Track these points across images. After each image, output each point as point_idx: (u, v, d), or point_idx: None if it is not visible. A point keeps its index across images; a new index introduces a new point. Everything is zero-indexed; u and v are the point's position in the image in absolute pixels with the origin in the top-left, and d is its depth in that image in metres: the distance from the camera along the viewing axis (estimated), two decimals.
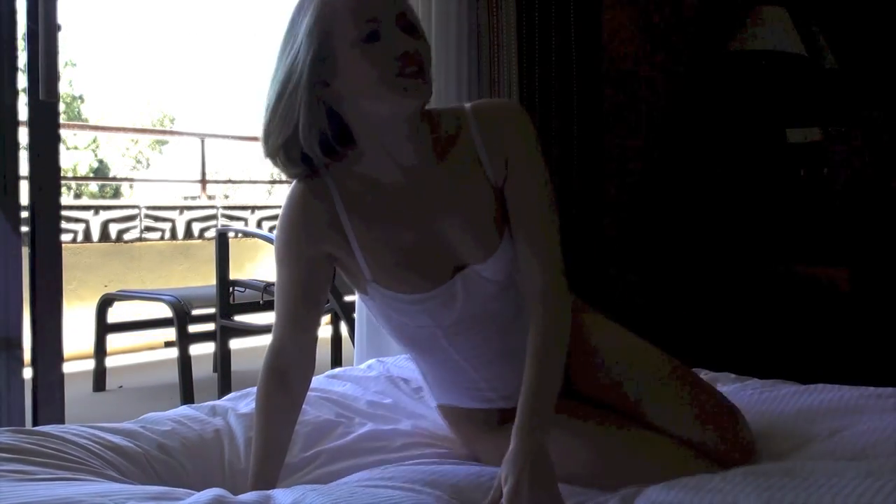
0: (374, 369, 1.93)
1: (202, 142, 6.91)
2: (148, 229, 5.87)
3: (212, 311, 3.27)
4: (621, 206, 3.47)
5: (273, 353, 1.34)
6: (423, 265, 1.31)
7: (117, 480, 1.24)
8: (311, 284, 1.34)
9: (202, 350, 3.59)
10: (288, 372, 1.34)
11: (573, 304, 1.37)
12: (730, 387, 1.77)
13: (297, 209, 1.31)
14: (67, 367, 2.14)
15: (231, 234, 3.43)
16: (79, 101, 15.87)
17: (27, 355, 2.01)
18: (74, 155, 14.58)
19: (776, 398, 1.65)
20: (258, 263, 5.38)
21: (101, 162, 15.59)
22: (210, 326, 3.35)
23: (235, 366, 3.30)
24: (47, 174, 2.05)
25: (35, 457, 1.22)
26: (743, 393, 1.73)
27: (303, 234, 1.31)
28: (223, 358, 3.20)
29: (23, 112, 1.99)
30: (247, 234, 5.26)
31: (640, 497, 1.15)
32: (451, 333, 1.37)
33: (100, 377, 3.60)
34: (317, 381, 1.86)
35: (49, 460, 1.22)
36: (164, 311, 3.41)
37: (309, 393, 1.70)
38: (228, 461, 1.45)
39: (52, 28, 1.96)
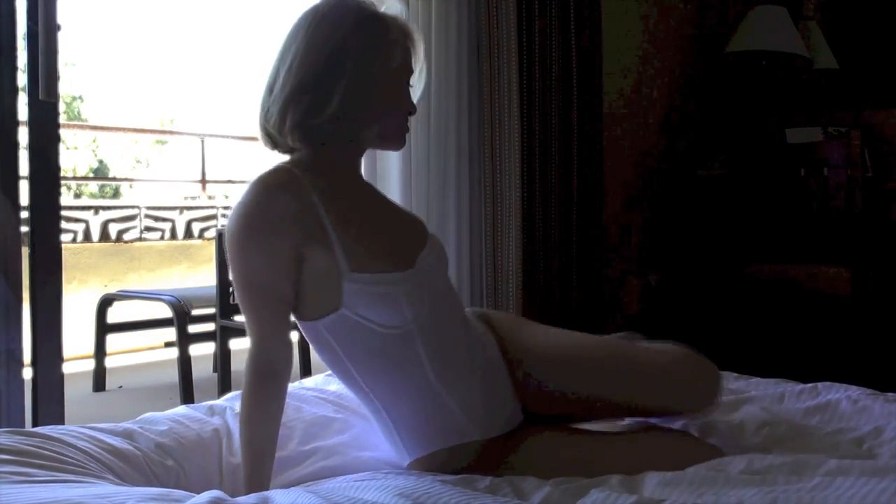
0: None
1: (202, 142, 6.91)
2: (148, 229, 5.88)
3: (212, 311, 3.27)
4: (621, 206, 3.47)
5: (260, 357, 1.30)
6: (391, 248, 1.36)
7: (115, 483, 1.24)
8: (292, 279, 1.30)
9: (202, 350, 3.58)
10: (278, 373, 1.31)
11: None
12: (732, 384, 1.78)
13: (278, 200, 1.28)
14: (67, 367, 2.14)
15: None
16: (79, 101, 15.85)
17: (27, 355, 2.01)
18: (74, 155, 14.56)
19: (781, 396, 1.65)
20: None
21: (101, 162, 15.57)
22: (210, 326, 3.35)
23: (235, 366, 3.29)
24: (47, 174, 2.05)
25: (34, 458, 1.22)
26: (746, 390, 1.72)
27: (287, 226, 1.28)
28: (223, 358, 3.19)
29: (23, 112, 1.99)
30: None
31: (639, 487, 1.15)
32: (425, 333, 1.34)
33: (100, 377, 3.60)
34: (314, 380, 1.87)
35: (47, 462, 1.22)
36: (164, 311, 3.41)
37: (305, 392, 1.71)
38: (226, 461, 1.45)
39: (52, 28, 1.96)
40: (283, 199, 1.28)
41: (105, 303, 3.62)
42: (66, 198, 8.92)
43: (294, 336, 1.39)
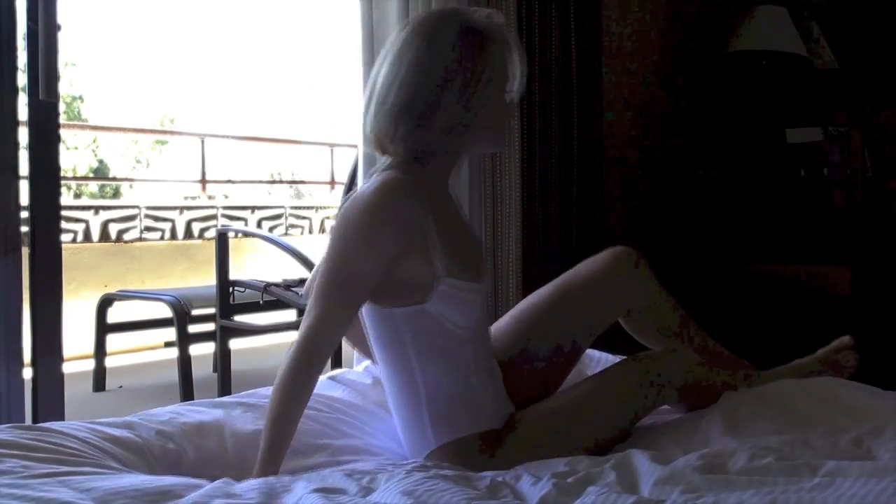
0: (370, 374, 1.92)
1: (202, 142, 6.91)
2: (148, 229, 5.88)
3: (212, 311, 3.27)
4: (621, 206, 3.47)
5: (317, 336, 1.36)
6: (472, 259, 1.52)
7: (118, 470, 1.24)
8: (381, 277, 1.40)
9: (202, 350, 3.58)
10: (325, 357, 1.40)
11: None
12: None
13: (401, 206, 1.39)
14: (67, 367, 2.14)
15: (231, 234, 3.43)
16: (79, 101, 15.84)
17: (27, 355, 2.01)
18: (74, 155, 14.55)
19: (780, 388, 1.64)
20: (258, 263, 5.38)
21: (101, 162, 15.55)
22: (210, 326, 3.35)
23: (235, 366, 3.29)
24: (47, 174, 2.05)
25: (33, 452, 1.23)
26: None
27: (401, 231, 1.39)
28: (223, 358, 3.19)
29: (23, 112, 1.99)
30: (247, 234, 5.26)
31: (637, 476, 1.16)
32: (479, 337, 1.52)
33: (100, 377, 3.60)
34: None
35: (48, 455, 1.23)
36: (164, 311, 3.41)
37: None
38: (231, 444, 1.45)
39: (52, 28, 1.96)
40: (405, 206, 1.40)
41: (105, 303, 3.62)
42: (66, 198, 8.92)
43: (294, 336, 1.42)
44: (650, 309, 1.71)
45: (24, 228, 2.00)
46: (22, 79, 2.00)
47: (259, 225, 6.55)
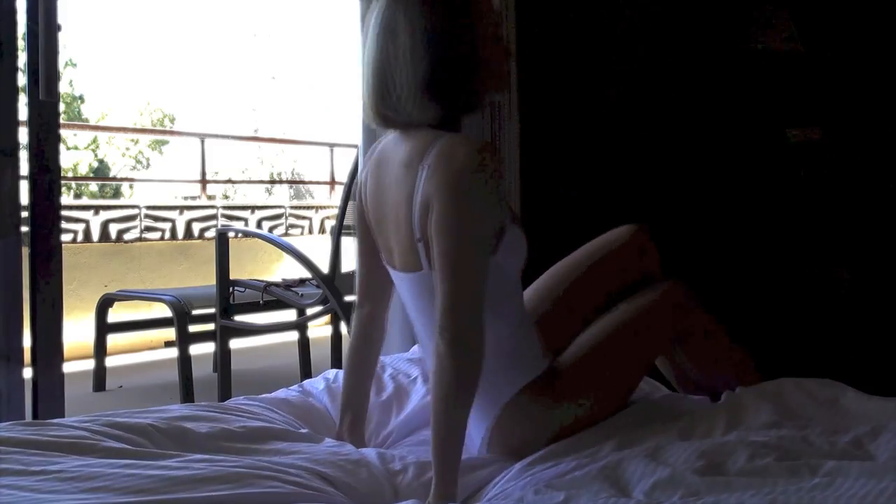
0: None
1: (202, 142, 6.91)
2: (148, 229, 5.87)
3: (212, 311, 3.27)
4: (620, 206, 3.47)
5: (475, 320, 1.33)
6: None
7: (124, 453, 1.24)
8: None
9: (202, 350, 3.58)
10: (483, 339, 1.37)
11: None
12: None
13: (494, 158, 1.42)
14: (67, 367, 2.14)
15: (231, 234, 3.43)
16: (79, 101, 15.85)
17: (27, 355, 2.01)
18: (74, 155, 14.55)
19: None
20: (258, 263, 5.38)
21: (101, 162, 15.56)
22: (210, 326, 3.35)
23: (235, 366, 3.29)
24: (47, 174, 2.05)
25: (32, 447, 1.23)
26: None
27: (500, 175, 1.49)
28: (223, 358, 3.19)
29: (23, 112, 1.99)
30: (247, 234, 5.26)
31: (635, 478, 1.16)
32: (519, 286, 1.56)
33: (100, 377, 3.60)
34: (314, 382, 1.85)
35: (47, 450, 1.23)
36: (164, 311, 3.41)
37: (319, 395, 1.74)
38: (240, 425, 1.44)
39: (52, 28, 1.96)
40: (494, 155, 1.42)
41: (105, 303, 3.62)
42: (66, 198, 8.92)
43: (294, 336, 1.42)
44: (654, 284, 1.73)
45: (25, 228, 2.00)
46: (22, 79, 2.00)
47: (259, 225, 6.54)
